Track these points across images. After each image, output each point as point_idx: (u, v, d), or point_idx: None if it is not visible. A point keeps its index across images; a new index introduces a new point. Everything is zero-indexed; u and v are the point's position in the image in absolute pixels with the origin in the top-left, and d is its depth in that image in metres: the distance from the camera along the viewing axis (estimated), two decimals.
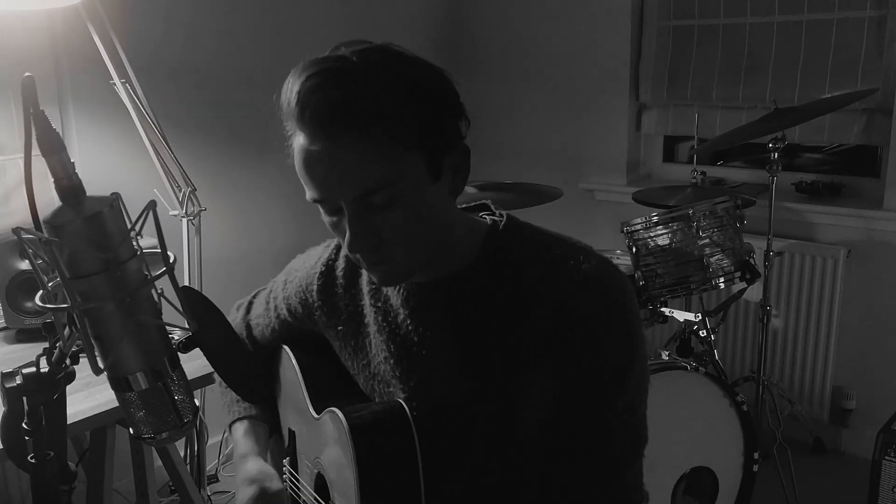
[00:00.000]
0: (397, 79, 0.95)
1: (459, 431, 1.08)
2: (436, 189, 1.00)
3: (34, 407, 0.94)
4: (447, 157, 1.00)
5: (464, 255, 1.08)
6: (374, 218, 0.97)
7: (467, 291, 1.07)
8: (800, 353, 3.07)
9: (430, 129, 0.97)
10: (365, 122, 0.93)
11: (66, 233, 0.77)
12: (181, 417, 0.87)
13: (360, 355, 1.20)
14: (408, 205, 0.97)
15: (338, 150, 0.94)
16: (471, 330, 1.07)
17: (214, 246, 2.77)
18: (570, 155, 3.58)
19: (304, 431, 1.31)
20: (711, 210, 2.41)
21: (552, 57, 3.52)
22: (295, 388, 1.30)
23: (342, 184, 0.95)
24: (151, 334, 0.84)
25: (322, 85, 0.93)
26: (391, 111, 0.94)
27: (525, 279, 1.04)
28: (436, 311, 1.09)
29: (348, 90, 0.93)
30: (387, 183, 0.95)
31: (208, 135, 2.83)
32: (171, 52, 2.68)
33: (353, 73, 0.94)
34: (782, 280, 3.04)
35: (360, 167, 0.94)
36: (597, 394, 1.02)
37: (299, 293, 1.28)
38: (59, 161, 0.78)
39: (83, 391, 1.70)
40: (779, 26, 3.01)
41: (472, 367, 1.07)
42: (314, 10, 3.11)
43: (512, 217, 1.12)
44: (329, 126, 0.93)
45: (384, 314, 1.14)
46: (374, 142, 0.93)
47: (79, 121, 2.49)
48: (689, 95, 3.27)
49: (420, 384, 1.12)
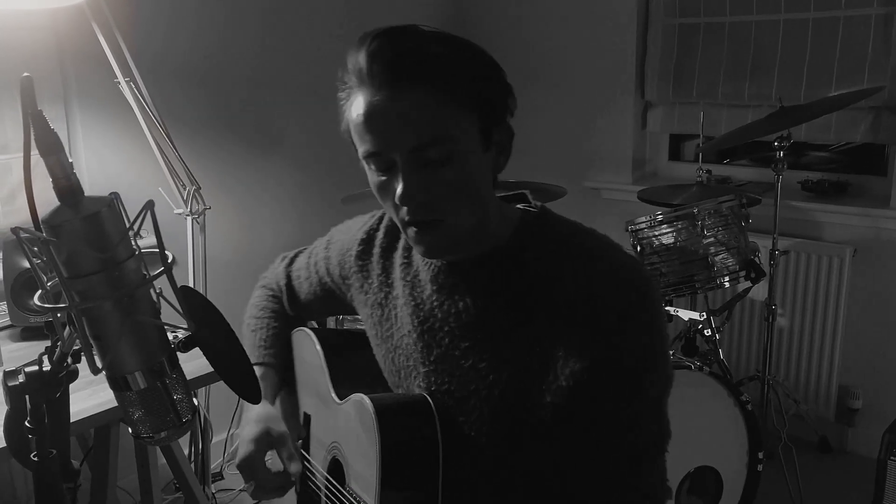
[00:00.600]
0: (462, 43, 1.01)
1: (478, 414, 1.09)
2: (485, 159, 1.03)
3: (37, 405, 0.94)
4: (495, 131, 1.03)
5: (495, 239, 1.09)
6: (427, 173, 0.99)
7: (495, 274, 1.09)
8: (805, 352, 3.06)
9: (487, 96, 1.01)
10: (429, 74, 0.97)
11: (65, 232, 0.78)
12: (180, 416, 0.87)
13: (384, 325, 1.22)
14: (461, 164, 0.99)
15: (400, 100, 0.97)
16: (495, 312, 1.08)
17: (219, 244, 2.77)
18: (575, 153, 3.58)
19: (322, 415, 1.33)
20: (716, 209, 2.41)
21: (557, 55, 3.51)
22: (315, 372, 1.32)
23: (401, 133, 0.97)
24: (150, 334, 0.84)
25: (390, 40, 0.98)
26: (455, 69, 0.98)
27: (553, 267, 1.05)
28: (462, 291, 1.11)
29: (416, 43, 0.99)
30: (444, 138, 0.98)
31: (213, 133, 2.84)
32: (175, 51, 2.68)
33: (420, 32, 1.00)
34: (788, 279, 3.03)
35: (420, 118, 0.97)
36: (620, 386, 1.02)
37: (338, 255, 1.32)
38: (58, 161, 0.79)
39: (86, 389, 1.71)
40: (785, 24, 3.00)
41: (493, 350, 1.08)
42: (318, 10, 3.11)
43: (546, 208, 1.14)
44: (394, 75, 0.96)
45: (412, 287, 1.17)
46: (435, 95, 0.97)
47: (84, 120, 2.50)
48: (694, 93, 3.26)
49: (440, 361, 1.13)
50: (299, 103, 3.07)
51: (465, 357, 1.10)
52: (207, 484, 2.64)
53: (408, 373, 1.19)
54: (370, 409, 1.10)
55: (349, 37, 1.03)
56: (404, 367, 1.19)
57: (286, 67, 3.03)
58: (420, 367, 1.15)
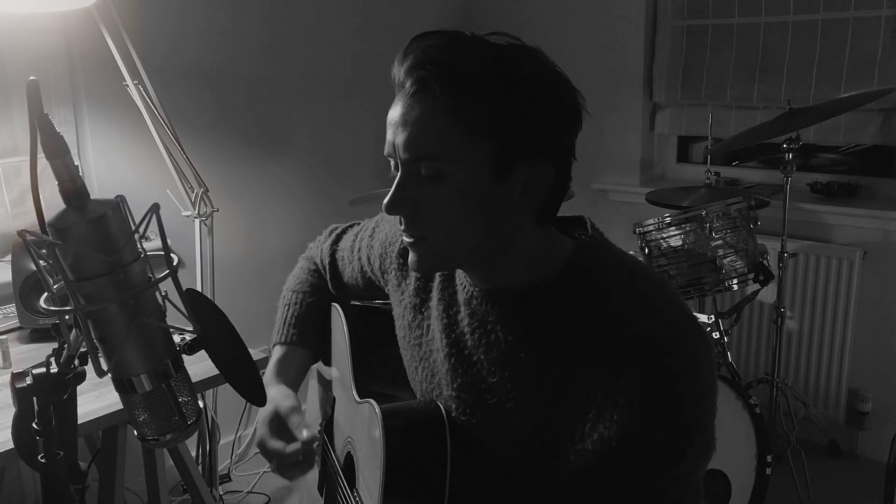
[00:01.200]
0: (492, 60, 0.93)
1: (497, 454, 1.04)
2: (496, 191, 0.95)
3: (44, 407, 0.94)
4: (519, 166, 0.95)
5: (540, 271, 1.01)
6: (418, 187, 0.95)
7: (535, 308, 1.01)
8: (815, 355, 3.04)
9: (502, 123, 0.93)
10: (437, 87, 0.92)
11: (70, 235, 0.78)
12: (185, 419, 0.87)
13: (415, 332, 1.17)
14: (453, 187, 0.94)
15: (410, 107, 0.94)
16: (528, 351, 1.00)
17: (227, 246, 2.78)
18: (583, 155, 3.50)
19: (344, 404, 1.31)
20: (724, 211, 2.40)
21: (565, 56, 3.44)
22: (343, 359, 1.30)
23: (402, 142, 0.95)
24: (155, 336, 0.85)
25: (423, 47, 0.94)
26: (464, 85, 0.91)
27: (597, 311, 0.96)
28: (495, 320, 1.04)
29: (436, 52, 0.93)
30: (438, 154, 0.93)
31: (221, 136, 2.85)
32: (183, 54, 2.69)
33: (456, 42, 0.94)
34: (797, 282, 3.02)
35: (421, 130, 0.93)
36: (649, 460, 0.93)
37: (382, 247, 1.27)
38: (64, 164, 0.79)
39: (94, 391, 1.71)
40: (794, 25, 2.99)
41: (521, 392, 1.01)
42: (326, 13, 3.12)
43: (600, 239, 1.06)
44: (412, 82, 0.93)
45: (447, 304, 1.11)
46: (443, 110, 0.92)
47: (93, 122, 2.51)
48: (703, 95, 3.25)
49: (464, 389, 1.07)
50: (307, 106, 3.08)
51: (490, 393, 1.04)
52: (215, 485, 2.64)
53: (431, 389, 1.14)
54: (379, 423, 1.06)
55: (357, 39, 1.02)
56: (429, 382, 1.14)
57: (294, 70, 3.03)
58: (444, 390, 1.10)
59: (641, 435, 0.92)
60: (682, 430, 0.93)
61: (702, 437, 0.95)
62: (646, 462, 0.93)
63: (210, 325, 0.87)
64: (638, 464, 0.93)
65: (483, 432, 1.05)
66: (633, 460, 0.93)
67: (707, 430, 0.96)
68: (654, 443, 0.92)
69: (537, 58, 0.96)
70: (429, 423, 1.07)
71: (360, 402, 1.19)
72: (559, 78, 0.97)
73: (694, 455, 0.95)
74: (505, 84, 0.92)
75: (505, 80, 0.92)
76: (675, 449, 0.93)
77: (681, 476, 0.96)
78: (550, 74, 0.96)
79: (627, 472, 0.94)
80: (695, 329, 0.96)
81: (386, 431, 1.05)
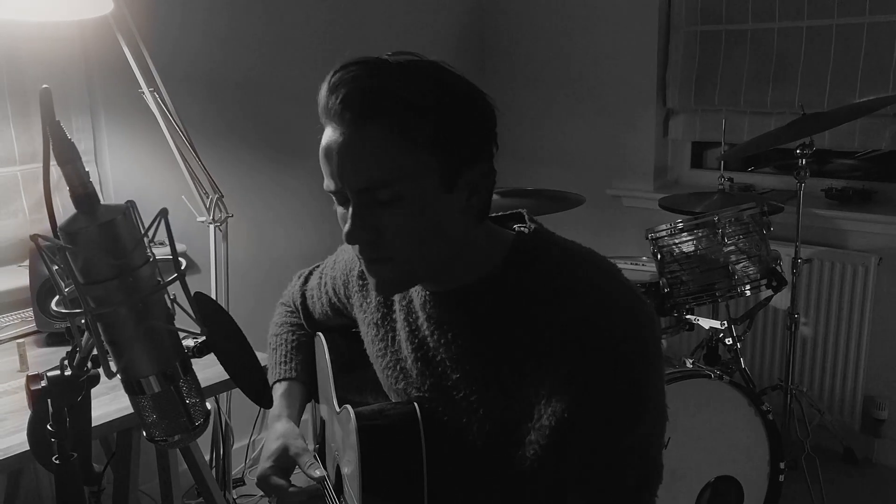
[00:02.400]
0: (423, 79, 0.96)
1: (467, 443, 1.08)
2: (447, 200, 0.99)
3: (58, 409, 0.96)
4: (465, 172, 0.99)
5: (483, 268, 1.06)
6: (376, 214, 0.97)
7: (483, 303, 1.06)
8: (830, 361, 3.02)
9: (447, 136, 0.96)
10: (384, 113, 0.94)
11: (80, 240, 0.80)
12: (193, 421, 0.88)
13: (378, 345, 1.22)
14: (411, 207, 0.97)
15: (351, 139, 0.95)
16: (483, 345, 1.06)
17: (241, 251, 2.81)
18: (596, 161, 3.58)
19: (330, 423, 1.35)
20: (737, 217, 2.39)
21: (579, 62, 3.51)
22: (325, 379, 1.34)
23: (350, 174, 0.96)
24: (163, 339, 0.86)
25: (350, 75, 0.95)
26: (414, 109, 0.94)
27: (540, 297, 1.02)
28: (451, 320, 1.09)
29: (370, 81, 0.94)
30: (392, 179, 0.95)
31: (236, 142, 2.87)
32: (199, 62, 2.72)
33: (379, 68, 0.96)
34: (811, 288, 3.00)
35: (368, 159, 0.95)
36: (603, 426, 0.98)
37: (343, 274, 1.32)
38: (74, 170, 0.81)
39: (109, 394, 1.73)
40: (808, 31, 2.98)
41: (482, 380, 1.05)
42: (338, 16, 3.14)
43: (540, 230, 1.10)
44: (346, 114, 0.94)
45: (407, 313, 1.15)
46: (390, 135, 0.94)
47: (109, 129, 2.54)
48: (716, 101, 3.24)
49: (433, 389, 1.12)
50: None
51: (456, 389, 1.08)
52: (228, 489, 2.66)
53: (399, 395, 1.18)
54: (353, 422, 1.10)
55: (373, 49, 1.03)
56: (396, 389, 1.18)
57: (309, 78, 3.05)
58: (413, 392, 1.14)
59: (593, 402, 0.96)
60: (633, 395, 0.98)
61: (653, 402, 1.00)
62: (600, 429, 0.97)
63: (217, 328, 0.89)
64: (593, 432, 0.97)
65: (454, 426, 1.09)
66: (587, 428, 0.97)
67: (658, 396, 1.01)
68: (606, 409, 0.97)
69: (449, 70, 1.00)
70: (402, 420, 1.11)
71: (339, 410, 1.23)
72: (469, 84, 1.01)
73: (648, 420, 1.00)
74: (439, 99, 0.96)
75: (438, 95, 0.96)
76: (628, 414, 0.98)
77: (637, 443, 0.99)
78: (464, 81, 1.00)
79: (584, 440, 0.98)
80: (635, 298, 1.02)
81: (360, 429, 1.08)
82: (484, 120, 1.01)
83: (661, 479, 1.03)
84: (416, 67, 0.97)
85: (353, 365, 1.31)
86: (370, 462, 1.08)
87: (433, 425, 1.10)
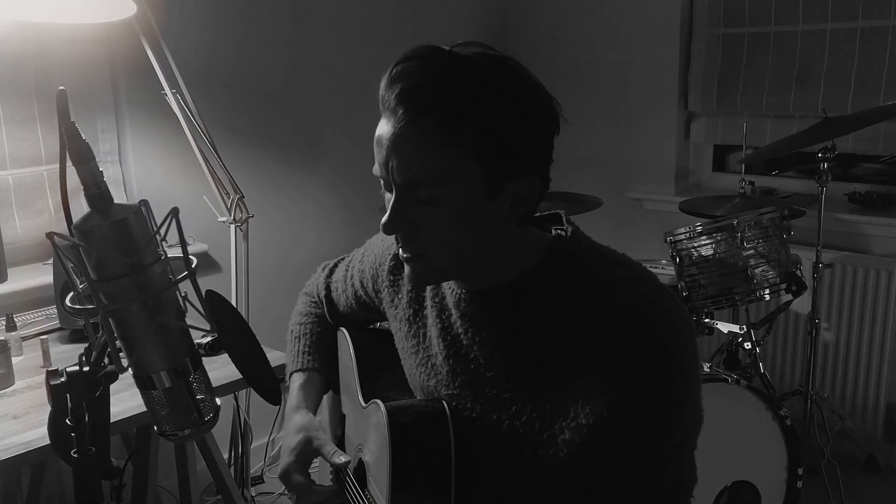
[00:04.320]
0: (477, 85, 0.95)
1: (496, 439, 1.08)
2: (488, 207, 0.98)
3: (77, 404, 0.97)
4: (510, 182, 0.98)
5: (520, 267, 1.06)
6: (415, 209, 0.98)
7: (517, 303, 1.06)
8: (852, 367, 2.99)
9: (493, 146, 0.95)
10: (428, 113, 0.94)
11: (94, 237, 0.82)
12: (202, 416, 0.90)
13: (410, 341, 1.22)
14: (449, 209, 0.97)
15: (400, 134, 0.96)
16: (519, 343, 1.06)
17: (262, 251, 2.83)
18: (618, 163, 3.57)
19: (353, 417, 1.35)
20: (756, 220, 2.38)
21: (601, 64, 3.51)
22: (349, 373, 1.34)
23: (395, 167, 0.97)
24: (174, 335, 0.88)
25: (404, 70, 0.95)
26: (456, 112, 0.93)
27: (577, 300, 1.02)
28: (484, 319, 1.09)
29: (423, 80, 0.94)
30: (432, 180, 0.96)
31: (256, 142, 2.90)
32: (220, 63, 2.75)
33: (438, 66, 0.95)
34: (834, 293, 2.97)
35: (412, 156, 0.96)
36: (643, 428, 0.97)
37: (372, 268, 1.32)
38: (89, 170, 0.83)
39: (128, 390, 1.73)
40: (832, 33, 2.95)
41: (516, 378, 1.06)
42: (364, 23, 3.16)
43: (577, 233, 1.10)
44: (398, 109, 0.95)
45: (440, 310, 1.16)
46: (431, 136, 0.94)
47: (133, 129, 2.58)
48: (738, 104, 3.22)
49: (464, 386, 1.12)
50: (341, 112, 3.12)
51: (489, 386, 1.09)
52: (247, 487, 2.69)
53: (429, 392, 1.19)
54: (384, 416, 1.10)
55: (394, 47, 1.03)
56: (425, 386, 1.19)
57: (328, 77, 3.08)
58: (443, 390, 1.15)
59: (634, 404, 0.96)
60: (670, 399, 0.97)
61: (690, 405, 0.99)
62: (640, 431, 0.97)
63: (227, 325, 0.91)
64: (633, 433, 0.97)
65: (484, 422, 1.09)
66: (627, 429, 0.97)
67: (695, 400, 1.01)
68: (646, 412, 0.96)
69: (514, 71, 0.98)
70: (432, 416, 1.11)
71: (366, 406, 1.23)
72: (537, 89, 0.99)
73: (685, 425, 0.99)
74: (488, 109, 0.94)
75: (488, 104, 0.94)
76: (667, 417, 0.97)
77: (674, 447, 0.99)
78: (528, 87, 0.99)
79: (622, 441, 0.98)
80: (673, 303, 1.01)
81: (391, 424, 1.09)
82: (538, 132, 0.99)
83: (696, 480, 1.04)
84: (466, 70, 0.95)
85: (377, 361, 1.32)
86: (400, 456, 1.08)
87: (462, 422, 1.11)
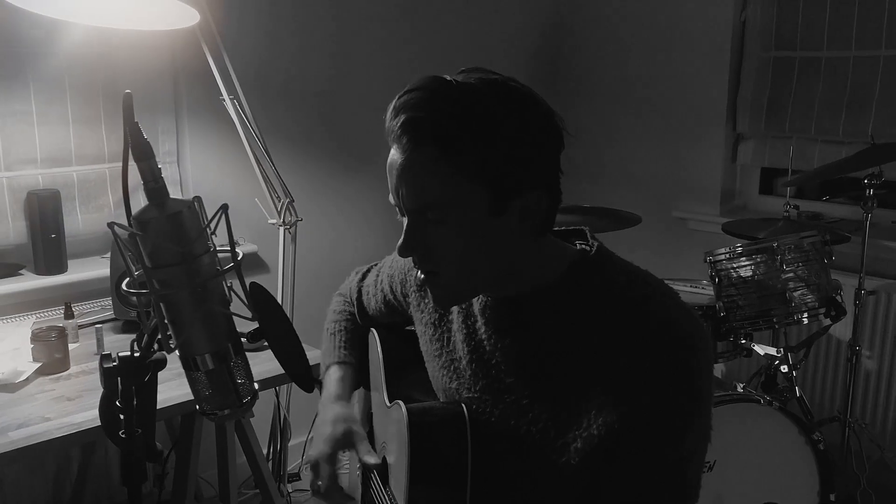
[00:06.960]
0: (475, 110, 0.99)
1: (512, 443, 1.12)
2: (498, 224, 1.03)
3: (127, 387, 1.04)
4: (515, 199, 1.02)
5: (545, 278, 1.10)
6: (426, 231, 1.04)
7: (539, 312, 1.10)
8: (894, 397, 2.95)
9: (496, 168, 1.00)
10: (429, 142, 0.99)
11: (150, 228, 0.89)
12: (240, 398, 0.97)
13: (434, 345, 1.27)
14: (459, 230, 1.03)
15: (405, 162, 1.01)
16: (539, 349, 1.10)
17: (308, 253, 2.92)
18: (664, 182, 3.58)
19: (380, 415, 1.41)
20: (797, 244, 2.38)
21: (650, 82, 3.53)
22: (377, 373, 1.41)
23: (404, 195, 1.03)
24: (219, 321, 0.95)
25: (406, 101, 1.01)
26: (453, 139, 0.98)
27: (598, 313, 1.06)
28: (508, 326, 1.14)
29: (425, 111, 0.99)
30: (439, 205, 1.01)
31: (307, 148, 2.99)
32: (277, 71, 2.86)
33: (438, 95, 1.00)
34: (877, 320, 2.94)
35: (418, 183, 1.02)
36: (649, 441, 1.01)
37: (401, 273, 1.38)
38: (148, 167, 0.91)
39: (176, 380, 1.82)
40: (885, 60, 2.93)
41: (535, 385, 1.10)
42: (411, 27, 3.23)
43: (602, 248, 1.14)
44: (402, 139, 1.01)
45: (465, 316, 1.21)
46: (433, 163, 1.00)
47: (192, 132, 2.70)
48: (787, 127, 3.21)
49: (485, 391, 1.17)
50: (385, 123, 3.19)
51: (508, 392, 1.13)
52: (284, 482, 2.76)
53: (450, 395, 1.23)
54: (405, 417, 1.15)
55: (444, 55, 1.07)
56: (448, 389, 1.23)
57: (380, 87, 3.15)
58: (464, 393, 1.19)
59: (644, 418, 1.00)
60: (681, 415, 1.00)
61: (699, 423, 1.03)
62: (646, 444, 1.01)
63: (268, 315, 0.97)
64: (639, 446, 1.01)
65: (501, 427, 1.13)
66: (634, 442, 1.01)
67: (704, 418, 1.04)
68: (654, 426, 1.00)
69: (513, 91, 1.02)
70: (451, 419, 1.16)
71: (390, 405, 1.29)
72: (539, 107, 1.03)
73: (691, 440, 1.02)
74: (489, 133, 0.99)
75: (489, 129, 0.99)
76: (674, 432, 1.01)
77: (679, 460, 1.02)
78: (529, 107, 1.02)
79: (628, 453, 1.01)
80: (692, 322, 1.04)
81: (411, 425, 1.14)
82: (541, 148, 1.03)
83: (696, 499, 1.06)
84: (468, 100, 0.99)
85: (403, 363, 1.37)
86: (419, 455, 1.14)
87: (481, 426, 1.15)
